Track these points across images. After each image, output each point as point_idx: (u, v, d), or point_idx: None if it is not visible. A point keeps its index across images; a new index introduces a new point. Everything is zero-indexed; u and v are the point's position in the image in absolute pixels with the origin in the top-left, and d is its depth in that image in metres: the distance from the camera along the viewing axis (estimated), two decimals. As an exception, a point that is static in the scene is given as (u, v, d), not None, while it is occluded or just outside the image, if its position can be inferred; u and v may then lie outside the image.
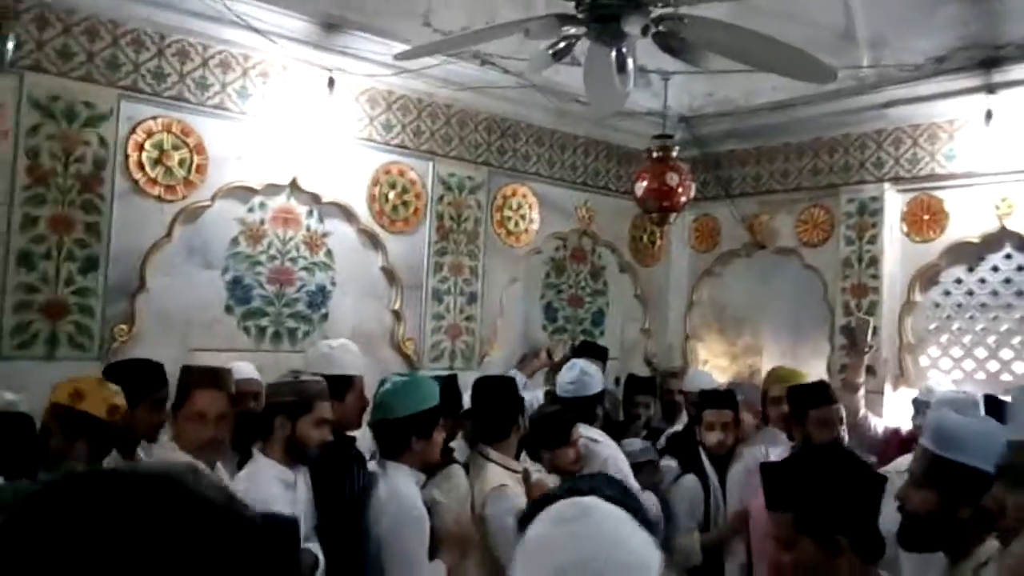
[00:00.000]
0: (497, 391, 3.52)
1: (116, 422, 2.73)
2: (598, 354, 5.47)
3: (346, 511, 2.90)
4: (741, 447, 4.10)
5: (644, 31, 2.98)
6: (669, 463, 4.15)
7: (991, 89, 4.76)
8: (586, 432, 3.75)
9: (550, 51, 3.25)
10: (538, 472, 3.47)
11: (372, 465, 3.08)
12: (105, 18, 3.93)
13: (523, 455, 3.60)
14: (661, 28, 3.10)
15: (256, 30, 4.25)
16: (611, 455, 3.74)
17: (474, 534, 3.16)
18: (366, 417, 3.21)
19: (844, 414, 3.89)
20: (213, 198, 4.30)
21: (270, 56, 4.41)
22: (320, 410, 2.85)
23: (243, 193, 4.42)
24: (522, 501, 3.13)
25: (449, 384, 3.46)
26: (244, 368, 3.79)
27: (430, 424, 3.01)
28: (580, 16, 3.06)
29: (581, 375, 4.01)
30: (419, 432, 2.98)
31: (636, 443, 4.25)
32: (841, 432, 3.81)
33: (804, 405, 3.82)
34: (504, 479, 3.24)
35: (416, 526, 2.86)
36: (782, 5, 4.34)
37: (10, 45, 2.97)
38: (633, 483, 3.50)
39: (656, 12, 3.05)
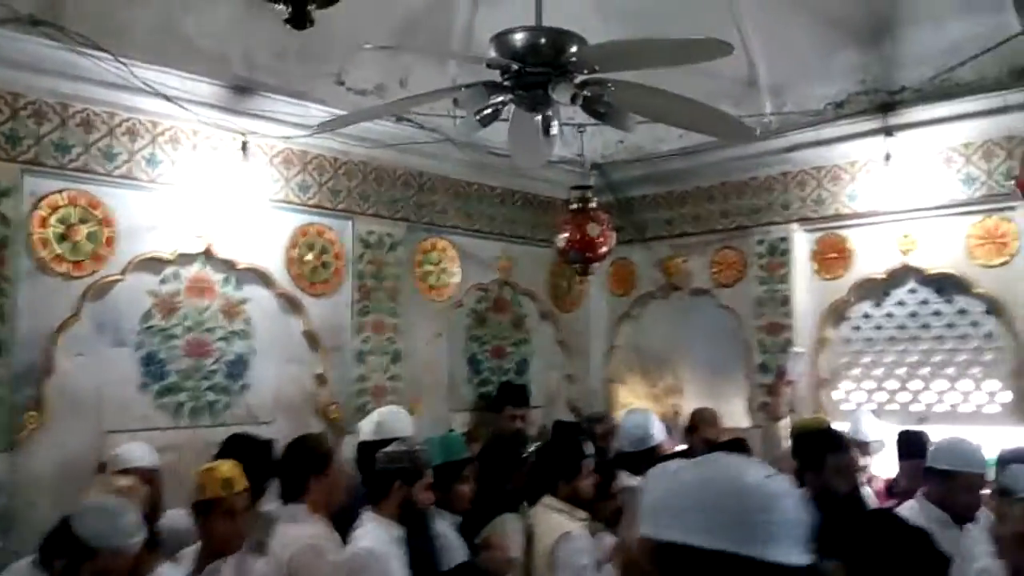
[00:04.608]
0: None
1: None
2: (521, 397, 5.49)
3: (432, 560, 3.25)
4: None
5: (573, 99, 3.01)
6: None
7: (889, 132, 5.00)
8: None
9: (477, 117, 3.24)
10: None
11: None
12: (3, 90, 3.73)
13: None
14: (586, 93, 3.13)
15: (165, 96, 4.12)
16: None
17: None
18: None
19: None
20: (124, 271, 4.12)
21: (180, 122, 4.28)
22: (428, 476, 3.24)
23: (155, 264, 4.26)
24: None
25: None
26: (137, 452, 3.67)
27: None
28: (507, 84, 3.07)
29: None
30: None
31: None
32: (860, 481, 3.77)
33: (820, 452, 3.68)
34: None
35: None
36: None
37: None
38: None
39: (581, 78, 3.08)
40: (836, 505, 3.10)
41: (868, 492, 4.03)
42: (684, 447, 5.01)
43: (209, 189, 4.40)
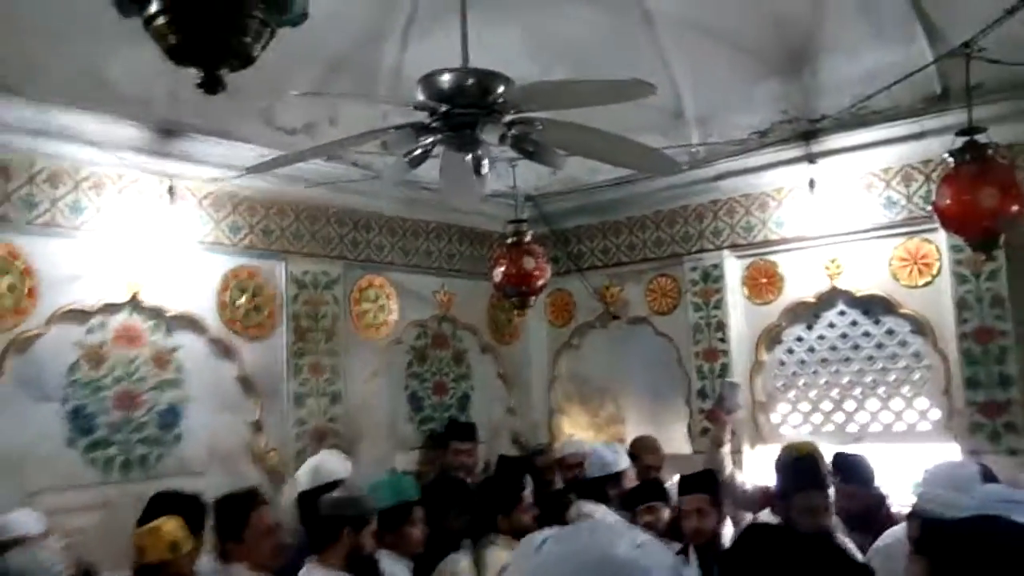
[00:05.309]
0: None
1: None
2: (467, 432, 5.46)
3: None
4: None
5: (501, 139, 3.02)
6: None
7: (811, 159, 5.13)
8: None
9: (407, 159, 3.24)
10: None
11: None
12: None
13: None
14: (515, 132, 3.15)
15: (86, 141, 4.02)
16: None
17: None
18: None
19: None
20: (47, 323, 4.00)
21: (103, 167, 4.19)
22: (373, 522, 3.26)
23: (81, 315, 4.14)
24: None
25: None
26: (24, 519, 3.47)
27: None
28: (436, 126, 3.07)
29: None
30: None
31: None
32: (829, 522, 3.42)
33: (790, 487, 3.48)
34: None
35: None
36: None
37: None
38: None
39: (508, 118, 3.10)
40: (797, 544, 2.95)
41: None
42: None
43: (136, 235, 4.31)
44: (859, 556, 3.16)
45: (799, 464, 3.66)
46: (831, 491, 3.60)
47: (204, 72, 1.74)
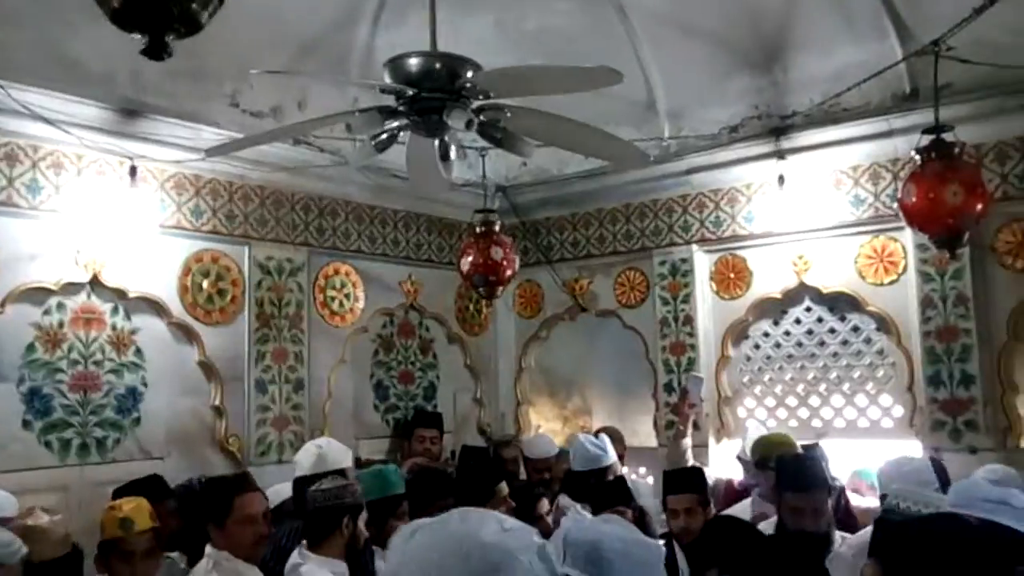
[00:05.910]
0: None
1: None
2: (433, 420, 5.44)
3: None
4: None
5: (468, 125, 2.99)
6: None
7: (781, 155, 5.13)
8: None
9: (373, 142, 3.19)
10: None
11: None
12: None
13: None
14: (482, 119, 3.11)
15: (45, 120, 3.93)
16: None
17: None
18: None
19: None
20: (3, 303, 3.91)
21: (63, 146, 4.10)
22: (366, 511, 3.15)
23: (38, 295, 4.06)
24: None
25: None
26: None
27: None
28: (402, 109, 3.03)
29: None
30: None
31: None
32: (822, 525, 3.22)
33: (779, 486, 3.33)
34: None
35: None
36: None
37: None
38: None
39: (476, 104, 3.06)
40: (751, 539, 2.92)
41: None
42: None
43: (96, 215, 4.22)
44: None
45: (783, 464, 3.50)
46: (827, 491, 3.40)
47: (149, 38, 1.69)
